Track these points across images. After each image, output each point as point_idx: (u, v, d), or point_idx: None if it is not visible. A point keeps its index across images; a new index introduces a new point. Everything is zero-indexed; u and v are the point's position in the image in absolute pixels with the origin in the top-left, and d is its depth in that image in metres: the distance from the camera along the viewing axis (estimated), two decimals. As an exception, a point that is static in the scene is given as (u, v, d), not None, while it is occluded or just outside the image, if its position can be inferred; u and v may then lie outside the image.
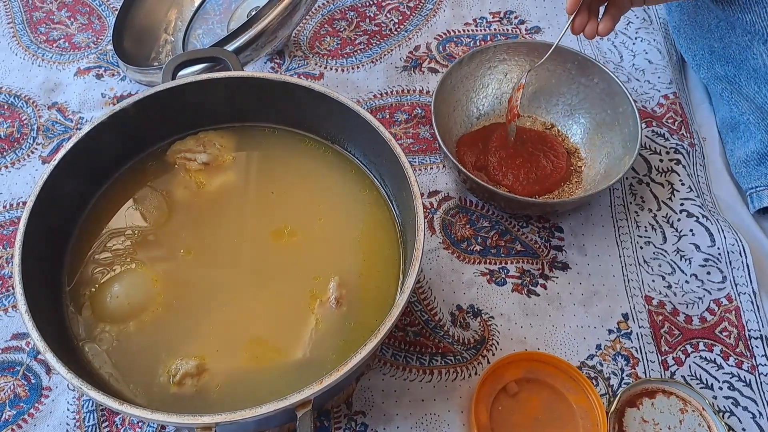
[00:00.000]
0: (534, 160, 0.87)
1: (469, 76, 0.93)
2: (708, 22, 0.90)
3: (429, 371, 0.76)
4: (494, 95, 0.95)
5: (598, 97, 0.90)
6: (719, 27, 0.89)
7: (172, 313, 0.67)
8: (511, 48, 0.92)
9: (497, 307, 0.80)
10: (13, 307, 0.80)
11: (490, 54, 0.92)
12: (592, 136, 0.91)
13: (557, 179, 0.86)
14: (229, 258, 0.71)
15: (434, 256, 0.83)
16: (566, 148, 0.91)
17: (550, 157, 0.87)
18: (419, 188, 0.66)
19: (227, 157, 0.77)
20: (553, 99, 0.94)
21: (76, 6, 1.07)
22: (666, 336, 0.78)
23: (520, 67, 0.93)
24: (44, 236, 0.66)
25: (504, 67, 0.93)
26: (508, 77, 0.94)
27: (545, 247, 0.84)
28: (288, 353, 0.65)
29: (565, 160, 0.88)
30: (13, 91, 0.98)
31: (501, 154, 0.87)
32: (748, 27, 0.86)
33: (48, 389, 0.75)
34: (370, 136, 0.71)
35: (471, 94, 0.94)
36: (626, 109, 0.85)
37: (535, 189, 0.85)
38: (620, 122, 0.86)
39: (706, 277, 0.82)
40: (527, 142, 0.89)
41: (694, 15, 0.92)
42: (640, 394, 0.73)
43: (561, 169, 0.87)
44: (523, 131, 0.91)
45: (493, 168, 0.87)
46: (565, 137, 0.93)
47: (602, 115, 0.89)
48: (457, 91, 0.92)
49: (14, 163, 0.91)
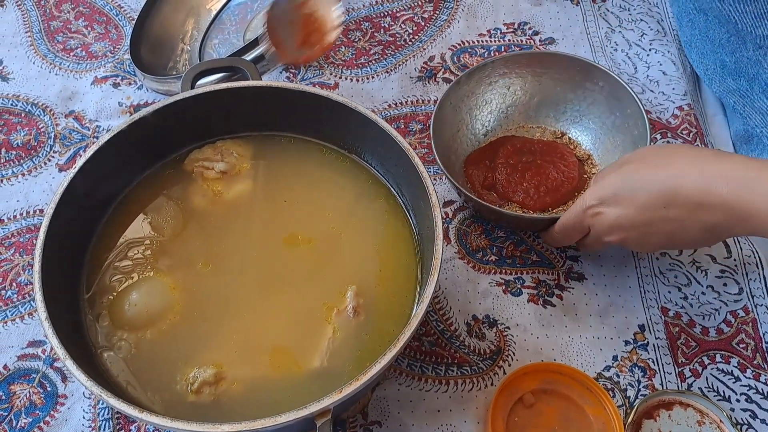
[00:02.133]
0: (543, 172, 0.86)
1: (470, 95, 0.92)
2: (719, 36, 0.90)
3: (445, 381, 0.76)
4: (499, 110, 0.94)
5: (605, 100, 0.88)
6: (730, 42, 0.89)
7: (190, 321, 0.67)
8: (510, 61, 0.91)
9: (513, 318, 0.80)
10: (30, 315, 0.80)
11: (488, 70, 0.91)
12: (603, 141, 0.90)
13: (570, 189, 0.85)
14: (246, 266, 0.71)
15: (449, 266, 0.83)
16: (579, 156, 0.90)
17: (560, 168, 0.86)
18: (437, 198, 0.66)
19: (244, 166, 0.77)
20: (560, 107, 0.93)
21: (93, 15, 1.08)
22: (683, 347, 0.78)
23: (522, 78, 0.92)
24: (63, 244, 0.67)
25: (505, 81, 0.92)
26: (511, 90, 0.93)
27: (561, 258, 0.84)
28: (305, 362, 0.65)
29: (577, 168, 0.87)
30: (30, 100, 0.98)
31: (508, 170, 0.86)
32: (759, 41, 0.86)
33: (64, 397, 0.75)
34: (388, 145, 0.71)
35: (475, 111, 0.93)
36: (634, 110, 0.84)
37: (547, 201, 0.85)
38: (629, 124, 0.85)
39: (723, 289, 0.81)
40: (536, 154, 0.88)
41: (705, 30, 0.92)
42: (657, 405, 0.73)
43: (573, 179, 0.86)
44: (531, 143, 0.89)
45: (501, 185, 0.86)
46: (577, 144, 0.92)
47: (611, 118, 0.88)
48: (459, 111, 0.91)
49: (31, 170, 0.91)
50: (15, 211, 0.88)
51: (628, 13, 1.06)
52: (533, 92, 0.93)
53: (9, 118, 0.96)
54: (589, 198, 0.71)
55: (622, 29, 1.04)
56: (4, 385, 0.76)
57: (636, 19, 1.06)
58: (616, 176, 0.69)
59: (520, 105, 0.94)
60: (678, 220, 0.64)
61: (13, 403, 0.75)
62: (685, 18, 0.96)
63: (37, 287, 0.61)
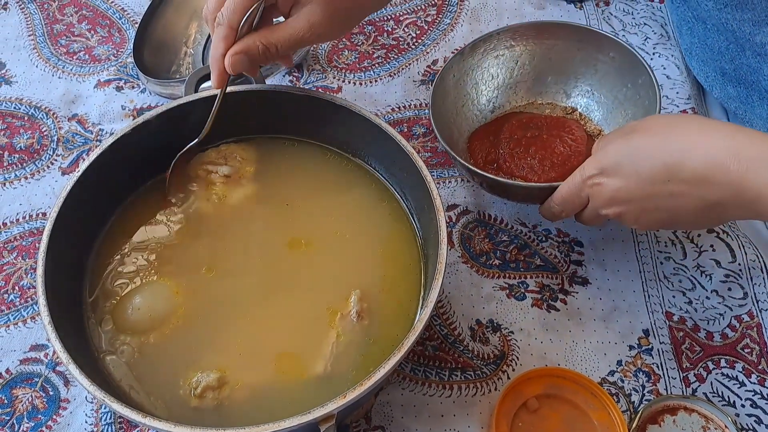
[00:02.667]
0: (549, 147, 0.83)
1: (476, 68, 0.89)
2: (718, 44, 0.90)
3: (448, 386, 0.75)
4: (506, 85, 0.91)
5: (617, 72, 0.86)
6: (729, 49, 0.89)
7: (193, 325, 0.67)
8: (518, 33, 0.89)
9: (517, 322, 0.79)
10: (32, 318, 0.80)
11: (494, 42, 0.89)
12: (615, 114, 0.87)
13: (577, 163, 0.78)
14: (249, 270, 0.71)
15: (453, 270, 0.83)
16: (589, 131, 0.88)
17: (567, 142, 0.83)
18: (441, 202, 0.66)
19: (248, 170, 0.77)
20: (571, 82, 0.91)
21: (97, 19, 1.08)
22: (687, 352, 0.77)
23: (531, 52, 0.90)
24: (66, 248, 0.67)
25: (512, 53, 0.90)
26: (519, 64, 0.91)
27: (565, 262, 0.84)
28: (309, 367, 0.65)
29: (585, 143, 0.83)
30: (33, 103, 0.98)
31: (512, 145, 0.84)
32: (758, 49, 0.86)
33: (66, 401, 0.75)
34: (392, 149, 0.71)
35: (481, 86, 0.90)
36: (645, 79, 0.82)
37: (552, 176, 0.81)
38: (641, 94, 0.83)
39: (727, 293, 0.81)
40: (542, 129, 0.85)
41: (704, 38, 0.92)
42: (661, 411, 0.73)
43: (581, 153, 0.82)
44: (537, 119, 0.87)
45: (504, 160, 0.83)
46: (588, 120, 0.90)
47: (623, 90, 0.86)
48: (464, 84, 0.89)
49: (34, 174, 0.91)
50: (18, 214, 0.88)
51: (631, 17, 1.06)
52: (542, 66, 0.91)
53: (12, 121, 0.96)
54: (590, 167, 0.69)
55: (625, 33, 1.04)
56: (6, 389, 0.76)
57: (639, 23, 1.05)
58: (619, 144, 0.67)
59: (529, 80, 0.92)
60: (679, 195, 0.62)
61: (15, 408, 0.74)
62: (684, 26, 0.96)
63: (40, 291, 0.61)
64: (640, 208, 0.66)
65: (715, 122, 0.64)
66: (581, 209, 0.73)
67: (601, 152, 0.68)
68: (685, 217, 0.65)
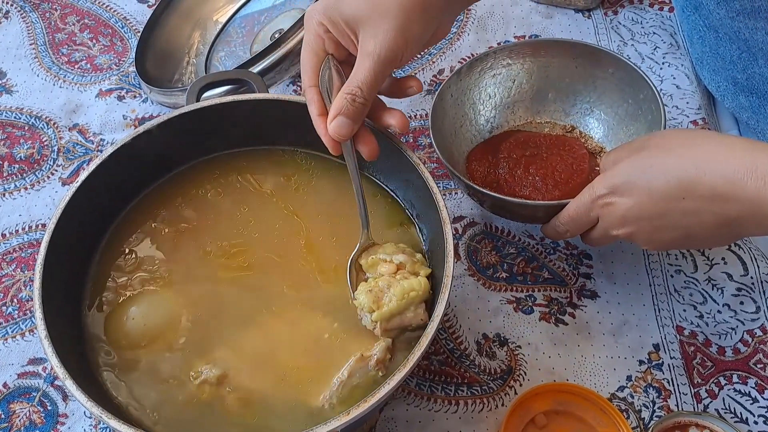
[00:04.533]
0: (549, 165, 0.82)
1: (473, 88, 0.88)
2: (730, 53, 0.89)
3: (454, 401, 0.74)
4: (504, 104, 0.90)
5: (617, 87, 0.85)
6: (741, 59, 0.88)
7: (194, 338, 0.66)
8: (514, 51, 0.88)
9: (524, 336, 0.78)
10: (30, 332, 0.79)
11: (491, 61, 0.88)
12: (616, 131, 0.86)
13: (580, 182, 0.79)
14: (251, 283, 0.70)
15: (460, 282, 0.82)
16: (590, 149, 0.86)
17: (568, 160, 0.82)
18: (448, 213, 0.64)
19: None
20: (569, 99, 0.89)
21: (99, 28, 1.07)
22: (698, 367, 0.76)
23: (528, 70, 0.89)
24: (65, 259, 0.66)
25: (509, 72, 0.89)
26: (516, 83, 0.90)
27: (573, 275, 0.82)
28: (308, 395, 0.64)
29: (587, 161, 0.82)
30: (34, 113, 0.97)
31: (510, 164, 0.83)
32: None
33: (65, 416, 0.74)
34: (397, 160, 0.70)
35: (479, 106, 0.89)
36: (647, 94, 0.81)
37: (556, 194, 0.80)
38: (643, 109, 0.82)
39: (739, 307, 0.79)
40: (540, 147, 0.84)
41: (716, 47, 0.91)
42: (672, 428, 0.71)
43: (583, 171, 0.81)
44: (535, 137, 0.85)
45: (504, 180, 0.82)
46: (588, 137, 0.88)
47: (624, 106, 0.85)
48: (462, 104, 0.88)
49: (34, 184, 0.90)
50: (17, 225, 0.87)
51: (640, 26, 1.05)
52: (540, 85, 0.90)
53: (12, 131, 0.95)
54: (600, 186, 0.67)
55: (634, 42, 1.03)
56: (3, 403, 0.74)
57: (648, 33, 1.04)
58: (630, 162, 0.65)
59: (527, 99, 0.90)
60: (694, 213, 0.60)
61: (12, 423, 0.73)
62: (695, 35, 0.94)
63: (37, 304, 0.60)
64: (653, 227, 0.64)
65: (730, 137, 0.62)
66: (589, 229, 0.72)
67: (612, 170, 0.66)
68: (700, 235, 0.63)
